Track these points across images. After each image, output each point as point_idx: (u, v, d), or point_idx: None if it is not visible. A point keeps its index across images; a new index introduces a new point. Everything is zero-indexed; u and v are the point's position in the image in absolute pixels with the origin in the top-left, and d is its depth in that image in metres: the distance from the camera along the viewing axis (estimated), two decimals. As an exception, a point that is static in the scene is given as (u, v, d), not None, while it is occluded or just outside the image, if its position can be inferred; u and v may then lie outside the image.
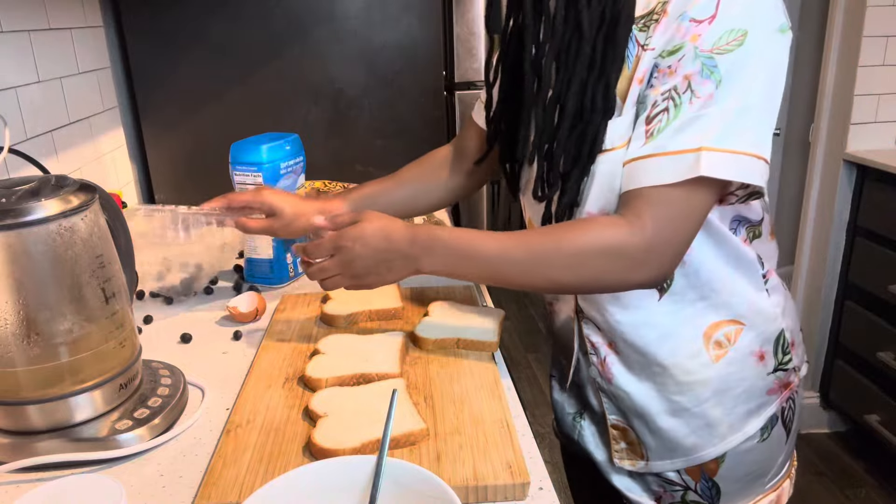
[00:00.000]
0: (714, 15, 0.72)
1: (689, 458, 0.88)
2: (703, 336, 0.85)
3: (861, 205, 2.12)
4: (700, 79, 0.72)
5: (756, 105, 0.73)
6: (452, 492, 0.55)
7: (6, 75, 1.14)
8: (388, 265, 0.83)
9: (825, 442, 2.38)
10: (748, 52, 0.72)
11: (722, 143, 0.71)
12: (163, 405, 0.77)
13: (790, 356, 0.89)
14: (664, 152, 0.73)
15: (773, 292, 0.88)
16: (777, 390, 0.89)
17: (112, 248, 0.75)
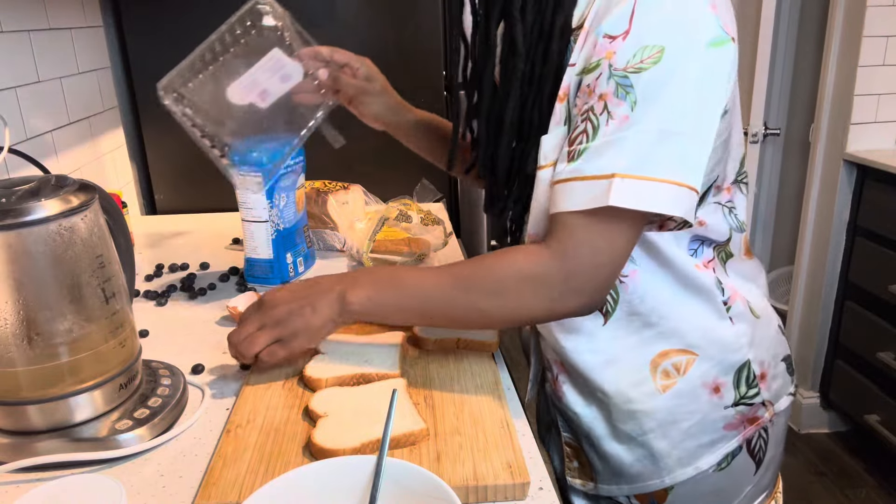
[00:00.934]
0: (628, 30, 0.67)
1: (634, 486, 0.85)
2: (649, 364, 0.80)
3: (861, 205, 2.12)
4: (615, 100, 0.67)
5: (679, 128, 0.67)
6: (452, 492, 0.55)
7: (6, 75, 1.14)
8: (312, 306, 0.78)
9: (825, 442, 2.38)
10: (667, 69, 0.65)
11: (636, 170, 0.66)
12: (163, 405, 0.77)
13: (757, 390, 0.83)
14: (579, 177, 0.69)
15: (739, 320, 0.81)
16: (738, 425, 0.83)
17: (112, 248, 0.75)
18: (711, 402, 0.81)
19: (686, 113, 0.67)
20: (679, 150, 0.67)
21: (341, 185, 1.39)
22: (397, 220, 1.28)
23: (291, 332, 0.79)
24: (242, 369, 0.90)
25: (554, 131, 0.74)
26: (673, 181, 0.67)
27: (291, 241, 1.19)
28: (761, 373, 0.83)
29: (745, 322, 0.82)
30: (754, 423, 0.84)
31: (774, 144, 2.71)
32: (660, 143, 0.66)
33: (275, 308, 0.79)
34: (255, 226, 1.14)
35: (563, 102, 0.74)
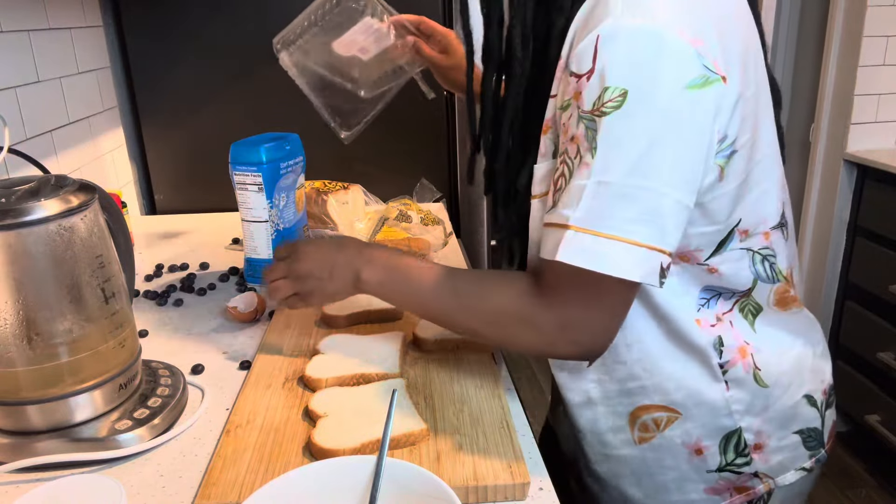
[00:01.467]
0: (592, 69, 0.60)
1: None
2: (628, 415, 0.76)
3: (861, 205, 2.12)
4: (585, 143, 0.61)
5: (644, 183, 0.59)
6: (452, 492, 0.55)
7: (6, 75, 1.14)
8: (331, 270, 0.80)
9: (825, 442, 2.38)
10: (628, 115, 0.58)
11: (590, 224, 0.60)
12: (163, 405, 0.77)
13: (748, 459, 0.76)
14: (548, 222, 0.65)
15: (736, 386, 0.74)
16: (724, 491, 0.77)
17: (112, 248, 0.75)
18: (692, 463, 0.76)
19: (652, 165, 0.59)
20: (643, 206, 0.60)
21: (341, 185, 1.39)
22: (397, 220, 1.28)
23: (309, 290, 0.83)
24: (242, 369, 0.90)
25: (542, 163, 0.70)
26: (630, 241, 0.60)
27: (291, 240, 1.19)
28: (756, 443, 0.76)
29: (743, 389, 0.74)
30: (744, 492, 0.78)
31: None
32: (620, 196, 0.60)
33: (301, 262, 0.82)
34: (255, 226, 1.14)
35: (548, 134, 0.69)
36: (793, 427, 0.77)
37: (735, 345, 0.73)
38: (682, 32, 0.58)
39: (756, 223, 0.71)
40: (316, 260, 0.82)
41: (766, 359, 0.75)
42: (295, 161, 1.17)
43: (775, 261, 0.73)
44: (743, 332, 0.74)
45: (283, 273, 0.83)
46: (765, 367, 0.74)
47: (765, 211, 0.72)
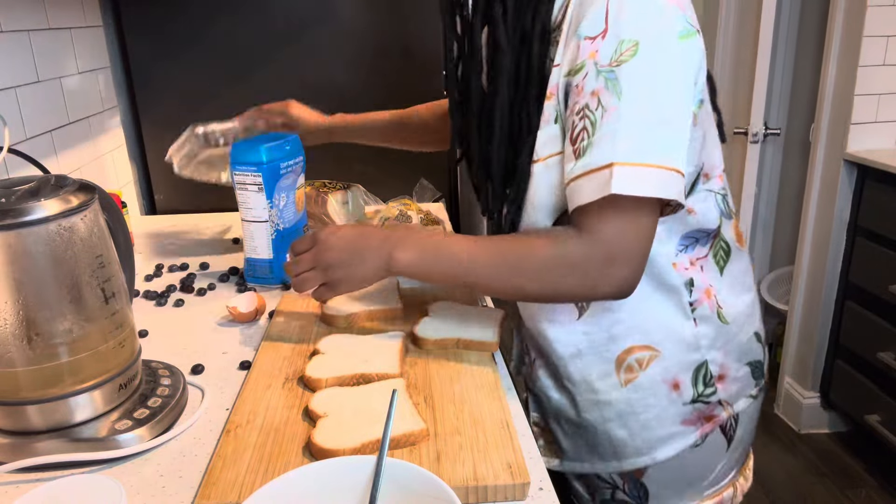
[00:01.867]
0: (605, 29, 0.72)
1: (595, 466, 0.90)
2: (615, 359, 0.85)
3: (861, 205, 2.12)
4: (608, 94, 0.71)
5: (663, 116, 0.71)
6: (452, 492, 0.55)
7: (6, 75, 1.14)
8: (361, 257, 0.83)
9: (825, 442, 2.38)
10: (643, 61, 0.70)
11: (631, 158, 0.70)
12: (163, 405, 0.77)
13: (714, 389, 0.86)
14: (584, 172, 0.73)
15: (703, 322, 0.85)
16: (695, 422, 0.87)
17: (112, 248, 0.75)
18: (670, 398, 0.85)
19: (666, 101, 0.71)
20: (665, 137, 0.71)
21: (341, 185, 1.39)
22: (397, 220, 1.28)
23: (338, 279, 0.85)
24: (242, 369, 0.90)
25: (545, 129, 0.78)
26: (663, 166, 0.71)
27: (291, 241, 1.19)
28: (720, 374, 0.87)
29: (709, 325, 0.85)
30: (711, 420, 0.88)
31: (774, 144, 2.71)
32: (649, 130, 0.71)
33: (327, 252, 0.85)
34: (255, 226, 1.14)
35: (552, 101, 0.77)
36: (745, 360, 0.90)
37: (702, 286, 0.85)
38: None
39: (712, 166, 0.84)
40: (343, 248, 0.84)
41: (726, 299, 0.87)
42: (295, 161, 1.17)
43: (728, 198, 0.86)
44: (710, 276, 0.86)
45: (311, 264, 0.86)
46: (725, 306, 0.87)
47: (715, 155, 0.84)
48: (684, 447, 0.87)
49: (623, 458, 0.88)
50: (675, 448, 0.87)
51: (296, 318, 1.01)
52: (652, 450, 0.87)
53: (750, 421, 0.93)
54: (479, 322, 0.95)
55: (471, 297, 1.07)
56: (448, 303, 1.02)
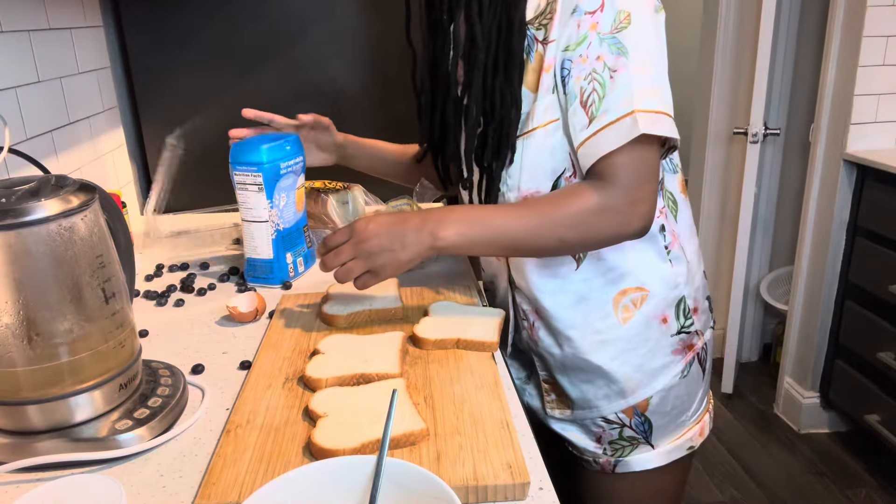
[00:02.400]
0: (602, 4, 0.84)
1: (603, 410, 1.00)
2: (612, 301, 0.95)
3: (861, 205, 2.13)
4: (612, 57, 0.83)
5: (656, 72, 0.84)
6: (452, 492, 0.55)
7: (6, 75, 1.14)
8: (402, 240, 0.87)
9: (825, 442, 2.39)
10: (638, 27, 0.83)
11: (646, 105, 0.82)
12: (163, 405, 0.77)
13: (692, 320, 1.00)
14: (606, 124, 0.83)
15: (676, 262, 0.97)
16: (681, 351, 1.00)
17: (112, 248, 0.75)
18: (661, 331, 0.97)
19: (658, 60, 0.85)
20: (662, 89, 0.85)
21: (341, 185, 1.39)
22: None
23: (381, 264, 0.89)
24: (242, 369, 0.90)
25: (544, 98, 0.88)
26: (667, 113, 0.84)
27: (291, 240, 1.19)
28: (694, 307, 1.00)
29: (681, 264, 0.98)
30: (691, 349, 1.01)
31: (774, 144, 2.71)
32: (653, 83, 0.84)
33: (367, 241, 0.89)
34: (256, 226, 1.14)
35: (550, 72, 0.88)
36: (705, 293, 1.04)
37: (670, 230, 0.97)
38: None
39: None
40: (384, 235, 0.88)
41: (685, 243, 1.00)
42: (295, 161, 1.17)
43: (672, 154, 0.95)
44: (670, 222, 0.98)
45: (352, 254, 0.89)
46: (687, 248, 1.00)
47: None
48: (675, 375, 0.99)
49: (628, 394, 0.98)
50: (668, 376, 0.98)
51: (296, 318, 1.01)
52: (652, 380, 0.98)
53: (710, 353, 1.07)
54: (479, 322, 0.95)
55: (471, 297, 1.07)
56: (448, 303, 1.02)
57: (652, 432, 1.01)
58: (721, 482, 2.21)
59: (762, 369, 2.88)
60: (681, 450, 1.03)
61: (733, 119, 2.70)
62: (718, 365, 2.73)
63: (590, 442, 1.03)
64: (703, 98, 2.75)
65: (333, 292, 1.06)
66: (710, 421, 1.10)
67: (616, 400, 0.99)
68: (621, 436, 1.01)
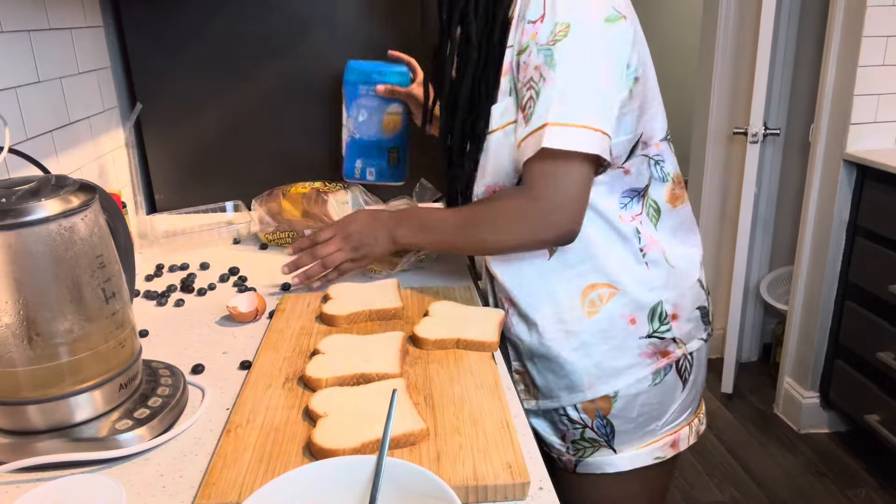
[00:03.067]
0: (543, 14, 0.87)
1: (563, 400, 1.01)
2: (580, 294, 0.97)
3: (861, 205, 2.12)
4: (546, 67, 0.86)
5: (591, 86, 0.85)
6: (452, 492, 0.55)
7: (6, 75, 1.14)
8: (375, 236, 1.04)
9: (825, 442, 2.39)
10: (574, 41, 0.84)
11: (561, 119, 0.84)
12: (163, 405, 0.77)
13: (668, 327, 0.99)
14: (528, 133, 0.88)
15: (654, 266, 0.98)
16: (651, 355, 0.99)
17: (112, 248, 0.75)
18: (627, 331, 0.98)
19: (594, 74, 0.85)
20: (592, 103, 0.85)
21: (341, 185, 1.39)
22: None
23: (361, 255, 1.07)
24: (242, 369, 0.90)
25: (501, 101, 0.94)
26: (589, 126, 0.85)
27: (367, 151, 1.39)
28: (673, 313, 1.00)
29: (659, 268, 0.98)
30: (666, 356, 1.00)
31: (774, 144, 2.71)
32: (578, 97, 0.85)
33: (351, 235, 1.06)
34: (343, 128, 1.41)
35: (507, 76, 0.93)
36: (696, 304, 1.03)
37: (647, 235, 0.98)
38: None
39: (650, 136, 0.97)
40: (363, 231, 1.05)
41: (669, 248, 1.00)
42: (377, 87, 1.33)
43: (664, 164, 0.99)
44: (649, 227, 0.99)
45: (338, 246, 1.07)
46: (669, 253, 1.00)
47: (655, 127, 0.97)
48: (641, 378, 0.98)
49: (586, 388, 0.99)
50: (633, 378, 0.98)
51: (296, 318, 1.01)
52: (612, 378, 0.98)
53: (701, 365, 1.06)
54: (479, 322, 0.95)
55: (471, 297, 1.07)
56: (448, 303, 1.02)
57: (614, 437, 1.01)
58: (721, 482, 2.21)
59: (762, 369, 2.88)
60: (646, 458, 1.02)
61: (733, 119, 2.70)
62: (718, 365, 2.73)
63: (555, 438, 1.05)
64: (703, 98, 2.75)
65: (333, 292, 1.06)
66: (692, 436, 1.07)
67: (575, 392, 1.00)
68: (583, 436, 1.02)
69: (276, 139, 1.66)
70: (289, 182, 1.42)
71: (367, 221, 1.06)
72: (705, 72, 2.71)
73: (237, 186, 1.64)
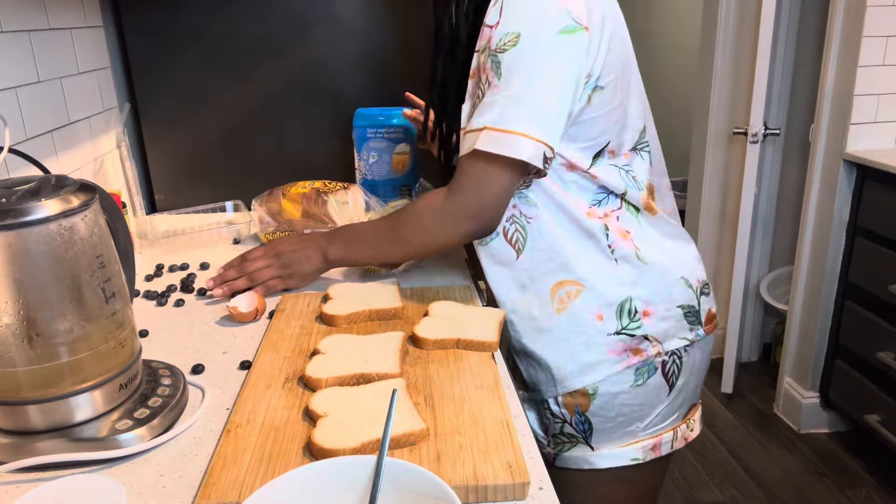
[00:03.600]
0: (498, 21, 0.87)
1: (543, 392, 1.02)
2: (549, 291, 0.98)
3: (861, 205, 2.13)
4: (492, 73, 0.88)
5: (533, 94, 0.85)
6: (452, 492, 0.55)
7: (6, 75, 1.14)
8: (306, 254, 1.07)
9: (825, 442, 2.39)
10: (522, 50, 0.85)
11: (499, 125, 0.86)
12: (163, 405, 0.77)
13: (638, 324, 0.98)
14: (466, 130, 0.90)
15: (623, 262, 0.97)
16: (621, 352, 0.98)
17: (112, 248, 0.75)
18: (595, 327, 0.97)
19: (538, 82, 0.85)
20: (532, 111, 0.85)
21: (341, 185, 1.39)
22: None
23: (289, 273, 1.09)
24: (242, 369, 0.90)
25: (468, 102, 0.95)
26: (525, 134, 0.85)
27: (379, 192, 1.45)
28: (645, 310, 0.98)
29: (629, 264, 0.97)
30: (638, 353, 0.98)
31: (774, 144, 2.71)
32: (517, 104, 0.85)
33: (280, 253, 1.09)
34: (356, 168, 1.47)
35: (474, 79, 0.94)
36: (675, 302, 1.00)
37: (617, 231, 0.97)
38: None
39: (618, 146, 0.96)
40: (293, 249, 1.08)
41: (644, 245, 0.99)
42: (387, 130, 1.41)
43: (634, 174, 0.98)
44: (628, 223, 0.98)
45: (267, 262, 1.09)
46: (643, 249, 0.98)
47: (624, 137, 0.96)
48: (618, 376, 0.98)
49: (560, 382, 1.00)
50: (604, 373, 0.98)
51: (296, 318, 1.01)
52: (583, 374, 0.98)
53: (694, 370, 1.03)
54: (479, 322, 0.95)
55: (471, 297, 1.07)
56: (448, 303, 1.02)
57: (592, 434, 1.00)
58: (721, 482, 2.21)
59: (762, 369, 2.88)
60: (622, 459, 1.01)
61: (733, 119, 2.70)
62: (718, 365, 2.73)
63: (539, 430, 1.05)
64: (703, 98, 2.75)
65: (333, 292, 1.06)
66: (677, 441, 1.05)
67: (551, 386, 1.01)
68: (562, 431, 1.02)
69: (276, 139, 1.66)
70: (289, 182, 1.42)
71: (298, 241, 1.09)
72: (705, 72, 2.71)
73: (237, 186, 1.64)
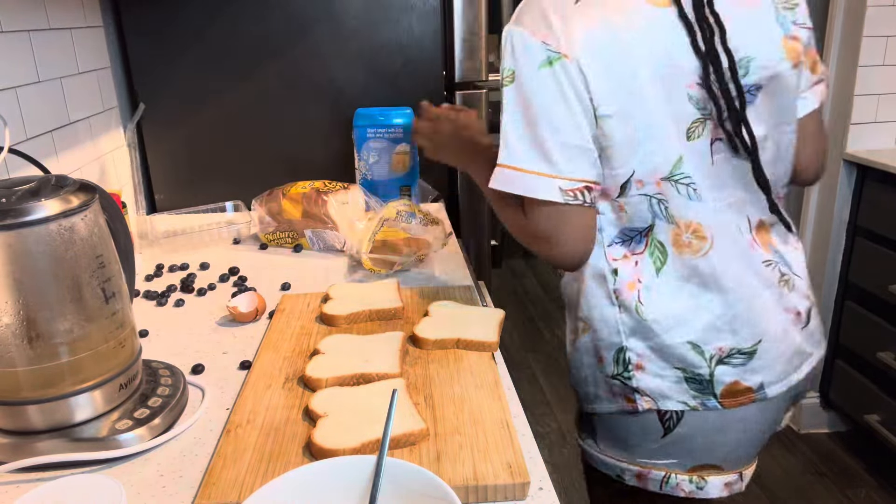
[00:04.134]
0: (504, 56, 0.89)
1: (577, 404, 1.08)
2: (572, 318, 1.03)
3: (861, 205, 2.12)
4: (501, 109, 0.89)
5: (530, 132, 0.86)
6: (452, 492, 0.55)
7: (6, 75, 1.14)
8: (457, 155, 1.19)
9: (825, 442, 2.38)
10: (518, 86, 0.87)
11: (507, 161, 0.88)
12: (163, 405, 0.77)
13: (630, 375, 0.94)
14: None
15: (625, 311, 0.93)
16: (618, 395, 0.97)
17: (112, 248, 0.75)
18: (597, 366, 0.99)
19: (534, 118, 0.86)
20: (533, 146, 0.86)
21: (341, 185, 1.39)
22: (397, 220, 1.28)
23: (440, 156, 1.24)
24: (242, 369, 0.90)
25: None
26: (529, 171, 0.87)
27: (379, 192, 1.46)
28: (638, 363, 0.94)
29: (629, 315, 0.93)
30: (630, 402, 0.96)
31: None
32: (519, 140, 0.87)
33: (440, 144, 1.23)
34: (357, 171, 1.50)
35: None
36: (674, 363, 0.93)
37: (626, 279, 0.93)
38: (534, 34, 0.85)
39: (648, 174, 0.88)
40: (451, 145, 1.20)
41: (654, 298, 0.92)
42: (387, 132, 1.44)
43: (668, 205, 0.90)
44: (644, 271, 0.92)
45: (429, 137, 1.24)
46: (648, 303, 0.92)
47: (653, 163, 0.88)
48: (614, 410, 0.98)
49: (579, 401, 1.06)
50: (604, 409, 1.00)
51: (296, 318, 1.01)
52: (588, 402, 1.02)
53: (697, 431, 0.94)
54: (479, 322, 0.95)
55: (471, 297, 1.07)
56: (448, 303, 1.02)
57: (596, 435, 1.03)
58: (721, 482, 2.20)
59: (762, 369, 2.88)
60: (611, 469, 1.01)
61: (733, 119, 2.70)
62: (718, 365, 2.72)
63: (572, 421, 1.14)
64: (703, 98, 2.74)
65: (333, 292, 1.06)
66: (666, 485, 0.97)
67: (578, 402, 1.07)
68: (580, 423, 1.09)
69: (276, 139, 1.66)
70: (289, 182, 1.42)
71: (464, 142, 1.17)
72: (705, 72, 2.71)
73: (237, 186, 1.64)
